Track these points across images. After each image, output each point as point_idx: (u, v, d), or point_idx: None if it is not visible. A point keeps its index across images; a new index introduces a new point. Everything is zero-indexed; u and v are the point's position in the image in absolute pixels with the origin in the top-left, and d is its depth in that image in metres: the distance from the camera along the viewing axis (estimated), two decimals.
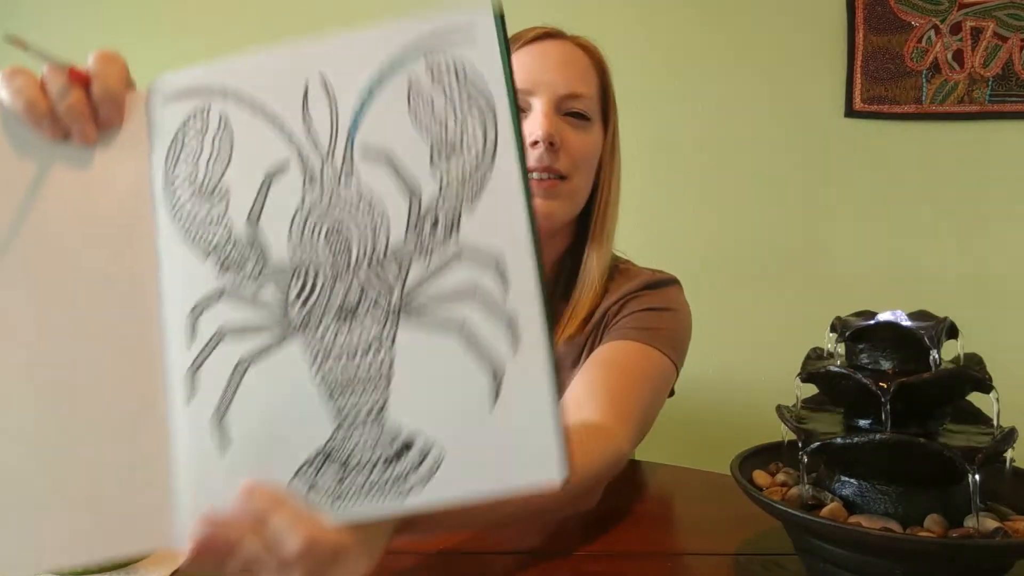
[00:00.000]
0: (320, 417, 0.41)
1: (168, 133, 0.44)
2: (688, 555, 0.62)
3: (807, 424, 0.56)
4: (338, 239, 0.42)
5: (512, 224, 0.41)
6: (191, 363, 0.42)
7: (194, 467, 0.41)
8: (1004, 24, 1.70)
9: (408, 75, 0.42)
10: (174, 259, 0.43)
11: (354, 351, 0.41)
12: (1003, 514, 0.53)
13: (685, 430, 1.01)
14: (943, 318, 0.54)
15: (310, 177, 0.42)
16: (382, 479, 0.40)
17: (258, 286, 0.42)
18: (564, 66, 0.88)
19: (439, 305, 0.41)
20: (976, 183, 1.77)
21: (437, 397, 0.41)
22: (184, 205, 0.43)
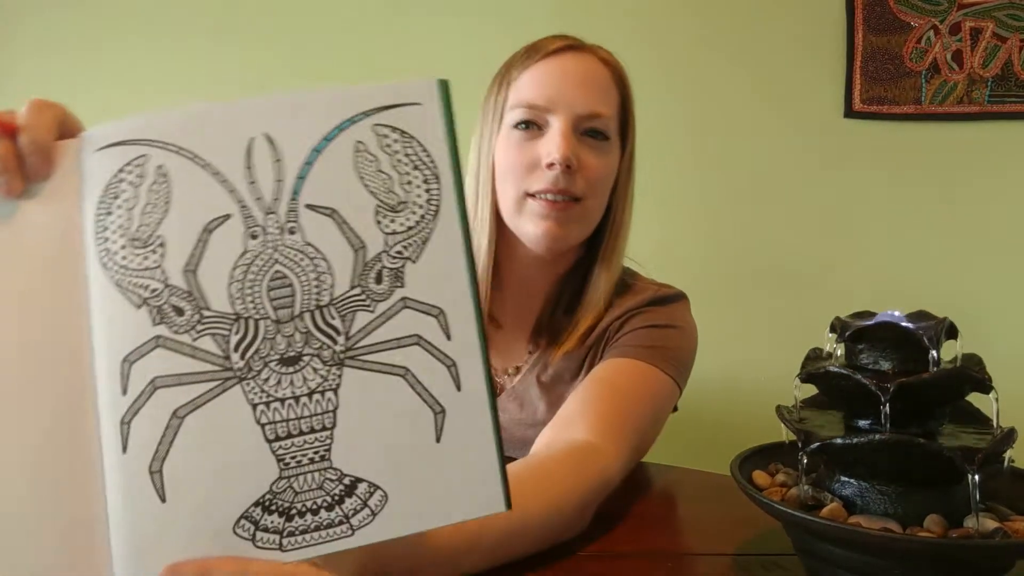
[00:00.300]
0: (263, 462, 0.41)
1: (100, 182, 0.43)
2: (688, 555, 0.62)
3: (807, 424, 0.56)
4: (281, 289, 0.43)
5: (454, 277, 0.44)
6: (124, 413, 0.41)
7: (134, 515, 0.41)
8: (1003, 24, 1.71)
9: (355, 137, 0.44)
10: (105, 308, 0.42)
11: (297, 397, 0.42)
12: (1003, 514, 0.53)
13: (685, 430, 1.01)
14: (943, 318, 0.54)
15: (252, 230, 0.43)
16: (328, 518, 0.41)
17: (196, 335, 0.42)
18: (584, 84, 0.85)
19: (383, 353, 0.43)
20: (976, 183, 1.77)
21: (381, 439, 0.42)
22: (116, 254, 0.42)
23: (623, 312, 0.89)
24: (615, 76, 0.89)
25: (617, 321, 0.89)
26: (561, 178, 0.81)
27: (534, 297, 0.93)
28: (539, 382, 0.90)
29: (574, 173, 0.82)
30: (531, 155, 0.83)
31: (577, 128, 0.84)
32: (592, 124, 0.84)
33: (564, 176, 0.81)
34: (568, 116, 0.83)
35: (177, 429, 0.41)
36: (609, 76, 0.88)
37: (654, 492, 0.80)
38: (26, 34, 1.78)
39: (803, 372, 0.57)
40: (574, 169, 0.82)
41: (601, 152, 0.86)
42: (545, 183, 0.82)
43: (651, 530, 0.69)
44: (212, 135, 0.43)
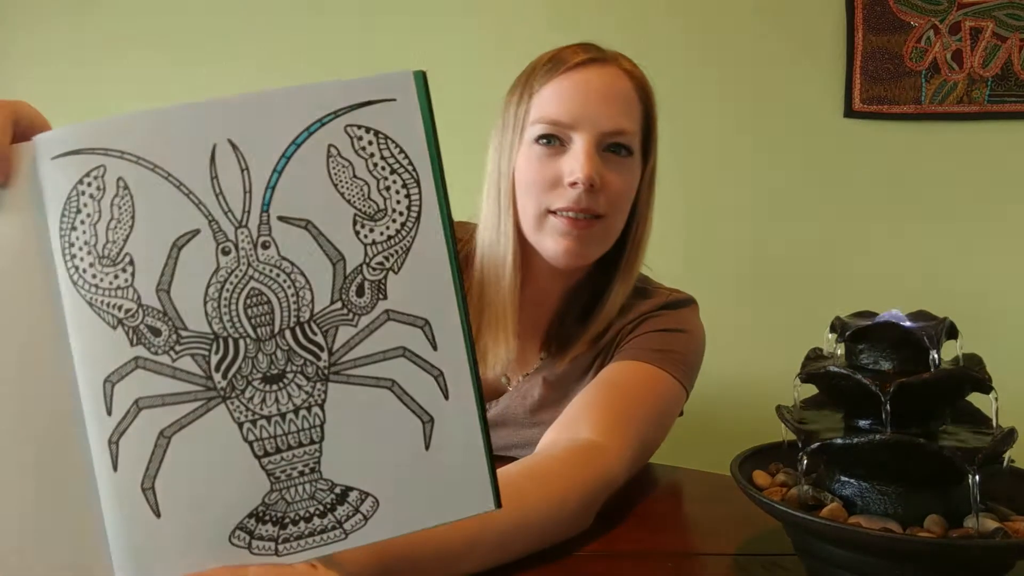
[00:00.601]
0: (254, 477, 0.41)
1: (61, 195, 0.40)
2: (688, 555, 0.62)
3: (807, 424, 0.56)
4: (258, 307, 0.41)
5: (439, 286, 0.42)
6: (111, 434, 0.40)
7: (130, 531, 0.41)
8: (1003, 24, 1.71)
9: (326, 140, 0.41)
10: (82, 328, 0.40)
11: (283, 414, 0.41)
12: (1003, 514, 0.53)
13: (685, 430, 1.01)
14: (943, 318, 0.54)
15: (223, 245, 0.41)
16: (322, 524, 0.42)
17: (175, 356, 0.40)
18: (608, 100, 0.83)
19: (368, 365, 0.42)
20: (975, 183, 1.77)
21: (370, 449, 0.42)
22: (85, 272, 0.40)
23: (635, 316, 0.89)
24: (639, 89, 0.88)
25: (630, 324, 0.89)
26: (584, 197, 0.81)
27: (547, 306, 0.93)
28: (545, 382, 0.91)
29: (597, 192, 0.82)
30: (553, 172, 0.82)
31: (600, 145, 0.83)
32: (615, 140, 0.83)
33: (587, 195, 0.81)
34: (592, 134, 0.82)
35: (165, 448, 0.40)
36: (633, 89, 0.87)
37: (654, 492, 0.80)
38: (23, 44, 1.78)
39: (803, 372, 0.57)
40: (597, 188, 0.81)
41: (623, 168, 0.85)
42: (567, 201, 0.81)
43: (652, 530, 0.69)
44: (172, 142, 0.40)
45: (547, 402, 0.90)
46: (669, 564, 0.61)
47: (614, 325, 0.90)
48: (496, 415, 0.92)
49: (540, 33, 1.72)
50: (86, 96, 1.77)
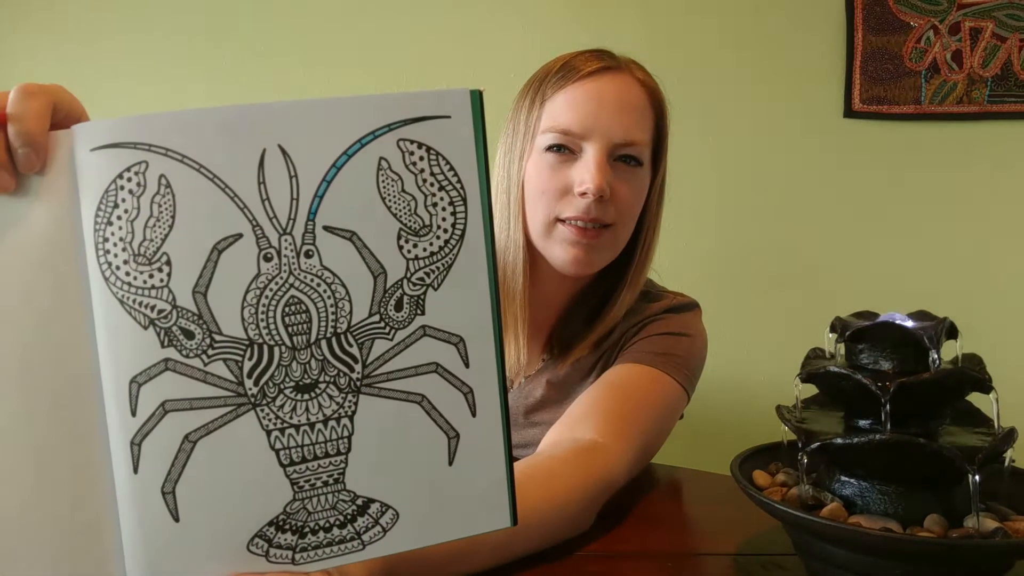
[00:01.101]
0: (277, 485, 0.41)
1: (98, 188, 0.39)
2: (688, 555, 0.62)
3: (807, 424, 0.56)
4: (296, 315, 0.41)
5: (476, 305, 0.42)
6: (134, 435, 0.40)
7: (147, 534, 0.40)
8: (1003, 24, 1.71)
9: (377, 153, 0.41)
10: (110, 325, 0.40)
11: (312, 424, 0.41)
12: (1003, 514, 0.53)
13: (685, 430, 1.01)
14: (943, 318, 0.54)
15: (266, 252, 0.40)
16: (340, 535, 0.42)
17: (208, 359, 0.40)
18: (621, 110, 0.83)
19: (400, 380, 0.42)
20: (975, 183, 1.77)
21: (395, 462, 0.42)
22: (119, 269, 0.39)
23: (640, 320, 0.90)
24: (651, 99, 0.87)
25: (633, 328, 0.89)
26: (593, 207, 0.81)
27: (552, 309, 0.93)
28: (548, 383, 0.91)
29: (606, 202, 0.82)
30: (564, 181, 0.82)
31: (611, 155, 0.83)
32: (626, 151, 0.83)
33: (596, 205, 0.81)
34: (603, 144, 0.81)
35: (190, 453, 0.40)
36: (646, 99, 0.87)
37: (655, 492, 0.80)
38: (27, 25, 1.78)
39: (803, 372, 0.57)
40: (606, 198, 0.81)
41: (633, 179, 0.85)
42: (576, 211, 0.81)
43: (651, 530, 0.69)
44: (220, 144, 0.39)
45: (548, 403, 0.90)
46: (669, 564, 0.61)
47: (618, 328, 0.90)
48: None
49: (541, 31, 1.73)
50: (89, 77, 1.76)
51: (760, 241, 1.79)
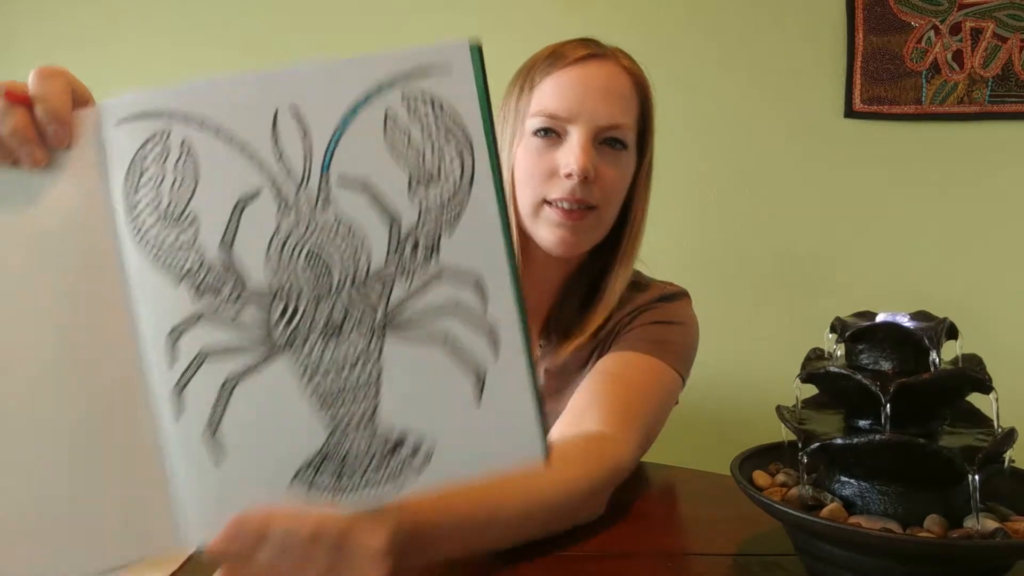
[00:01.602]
0: (313, 426, 0.43)
1: (124, 157, 0.43)
2: (688, 555, 0.62)
3: (807, 424, 0.56)
4: (318, 263, 0.43)
5: (490, 245, 0.44)
6: (175, 383, 0.42)
7: (191, 478, 0.42)
8: (1004, 24, 1.71)
9: (384, 107, 0.43)
10: (145, 284, 0.43)
11: (342, 365, 0.43)
12: (1003, 514, 0.53)
13: (685, 430, 1.01)
14: (943, 319, 0.54)
15: (284, 204, 0.43)
16: (378, 474, 0.44)
17: (238, 309, 0.43)
18: (606, 95, 0.85)
19: (422, 320, 0.44)
20: (976, 183, 1.77)
21: (425, 399, 0.44)
22: (150, 231, 0.43)
23: (633, 308, 0.91)
24: (636, 85, 0.90)
25: (627, 316, 0.91)
26: (578, 188, 0.83)
27: (546, 293, 0.95)
28: (547, 372, 0.92)
29: (591, 183, 0.84)
30: (550, 163, 0.85)
31: (596, 138, 0.85)
32: (611, 134, 0.85)
33: (581, 186, 0.83)
34: (588, 127, 0.84)
35: (228, 398, 0.42)
36: (631, 85, 0.89)
37: (654, 492, 0.80)
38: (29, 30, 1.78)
39: (803, 372, 0.57)
40: (591, 180, 0.83)
41: (618, 162, 0.87)
42: (562, 192, 0.84)
43: (651, 530, 0.69)
44: (235, 107, 0.42)
45: (548, 391, 0.91)
46: (669, 564, 0.61)
47: (614, 317, 0.91)
48: None
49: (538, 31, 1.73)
50: (89, 80, 1.76)
51: (760, 241, 1.78)
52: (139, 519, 0.43)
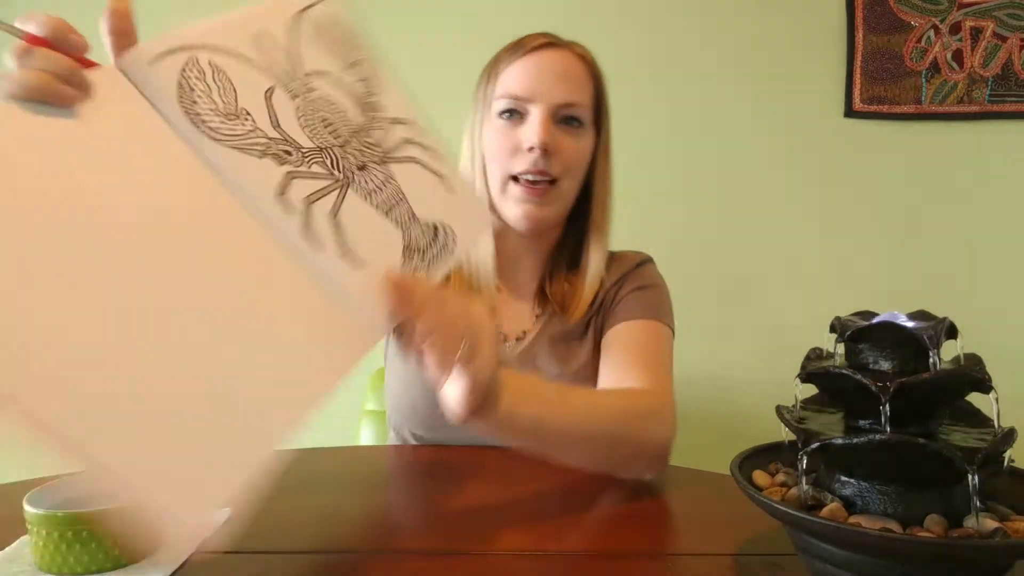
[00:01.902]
0: (389, 228, 0.59)
1: (170, 84, 0.51)
2: (688, 555, 0.62)
3: (807, 424, 0.56)
4: (328, 126, 0.58)
5: (406, 100, 0.65)
6: (300, 229, 0.54)
7: (347, 292, 0.55)
8: (1004, 24, 1.71)
9: (315, 18, 0.61)
10: (238, 169, 0.52)
11: (380, 186, 0.60)
12: (1003, 514, 0.53)
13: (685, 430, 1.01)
14: (943, 318, 0.54)
15: (291, 92, 0.57)
16: (436, 250, 0.61)
17: (308, 164, 0.56)
18: (561, 76, 0.94)
19: (398, 150, 0.62)
20: (976, 183, 1.77)
21: (426, 198, 0.62)
22: (220, 129, 0.52)
23: (616, 279, 1.02)
24: (590, 70, 0.98)
25: (613, 287, 1.02)
26: (540, 160, 0.92)
27: (532, 267, 1.04)
28: (550, 339, 1.00)
29: (551, 156, 0.93)
30: (514, 140, 0.94)
31: (555, 116, 0.94)
32: (568, 112, 0.94)
33: (543, 158, 0.92)
34: (546, 105, 0.93)
35: (338, 225, 0.56)
36: (585, 69, 0.97)
37: (654, 492, 0.80)
38: None
39: (803, 372, 0.57)
40: (551, 152, 0.93)
41: (576, 136, 0.96)
42: (526, 164, 0.93)
43: (651, 530, 0.69)
44: (233, 35, 0.56)
45: (555, 357, 0.99)
46: (669, 564, 0.61)
47: (603, 287, 1.02)
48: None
49: None
50: None
51: (760, 240, 1.79)
52: (333, 336, 0.54)
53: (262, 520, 0.70)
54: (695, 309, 1.86)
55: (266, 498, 0.76)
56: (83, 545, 0.58)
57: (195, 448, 0.45)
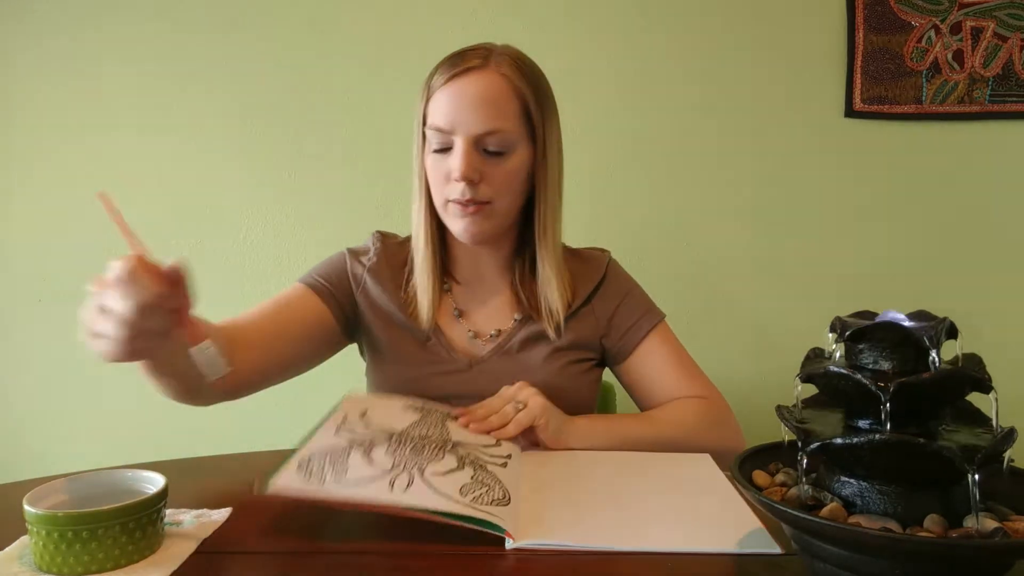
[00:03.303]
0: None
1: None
2: (688, 555, 0.62)
3: (807, 424, 0.56)
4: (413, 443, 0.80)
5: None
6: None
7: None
8: (1004, 24, 1.70)
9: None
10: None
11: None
12: (1003, 514, 0.53)
13: None
14: (942, 318, 0.54)
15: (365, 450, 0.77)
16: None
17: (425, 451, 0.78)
18: (479, 104, 0.95)
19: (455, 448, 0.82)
20: (976, 183, 1.77)
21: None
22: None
23: (593, 287, 1.09)
24: (513, 88, 0.97)
25: (593, 299, 1.09)
26: (467, 190, 0.96)
27: (495, 266, 1.09)
28: (522, 344, 1.06)
29: (478, 184, 0.96)
30: (445, 169, 0.97)
31: (479, 145, 0.96)
32: (489, 142, 0.96)
33: (469, 188, 0.96)
34: (466, 137, 0.95)
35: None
36: (506, 89, 0.97)
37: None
38: (25, 54, 1.78)
39: (803, 372, 0.57)
40: (477, 181, 0.96)
41: (504, 163, 0.98)
42: (456, 194, 0.97)
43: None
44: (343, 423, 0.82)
45: (526, 356, 1.06)
46: (669, 564, 0.61)
47: (579, 292, 1.08)
48: (482, 363, 1.06)
49: (541, 32, 1.73)
50: (85, 106, 1.77)
51: (760, 241, 1.78)
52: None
53: (262, 520, 0.70)
54: (695, 310, 1.86)
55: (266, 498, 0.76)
56: (83, 545, 0.58)
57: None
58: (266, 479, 0.66)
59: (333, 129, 1.78)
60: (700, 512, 0.72)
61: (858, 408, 0.55)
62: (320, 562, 0.62)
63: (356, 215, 1.78)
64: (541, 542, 0.63)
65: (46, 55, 1.78)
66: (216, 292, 1.76)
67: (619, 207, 1.76)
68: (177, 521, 0.69)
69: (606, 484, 0.79)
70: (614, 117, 1.75)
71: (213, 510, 0.72)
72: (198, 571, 0.60)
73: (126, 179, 1.78)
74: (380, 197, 1.78)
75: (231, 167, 1.79)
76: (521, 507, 0.71)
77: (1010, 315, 1.77)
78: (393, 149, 1.73)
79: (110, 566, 0.58)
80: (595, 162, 1.74)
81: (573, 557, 0.62)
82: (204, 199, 1.80)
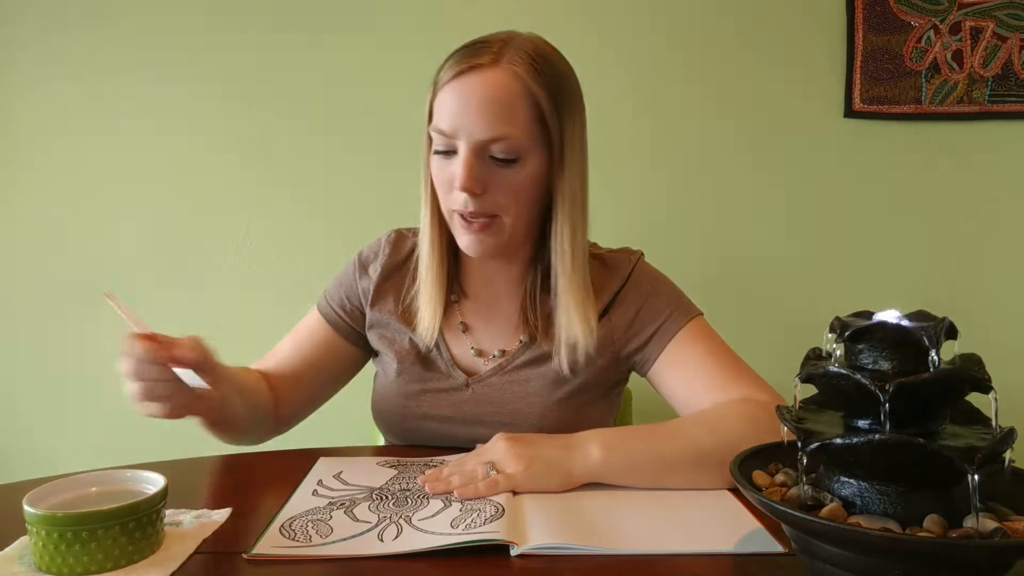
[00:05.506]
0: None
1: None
2: (688, 555, 0.62)
3: (807, 424, 0.56)
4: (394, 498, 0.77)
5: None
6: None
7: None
8: (1004, 24, 1.71)
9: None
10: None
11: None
12: (1003, 514, 0.53)
13: None
14: (942, 318, 0.54)
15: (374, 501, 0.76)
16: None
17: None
18: (485, 107, 0.84)
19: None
20: (976, 183, 1.77)
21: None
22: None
23: (610, 299, 0.97)
24: (524, 89, 0.86)
25: (614, 312, 0.98)
26: (471, 202, 0.87)
27: (507, 283, 1.00)
28: (525, 366, 0.97)
29: (483, 195, 0.87)
30: (449, 175, 0.88)
31: (483, 153, 0.86)
32: (495, 149, 0.86)
33: (472, 200, 0.87)
34: (470, 143, 0.85)
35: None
36: (518, 91, 0.85)
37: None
38: (27, 59, 1.78)
39: (803, 372, 0.57)
40: (480, 193, 0.87)
41: (511, 173, 0.87)
42: (459, 204, 0.88)
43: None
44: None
45: (526, 380, 0.97)
46: (669, 564, 0.61)
47: (604, 295, 0.97)
48: (483, 385, 0.98)
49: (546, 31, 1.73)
50: (87, 112, 1.77)
51: (760, 240, 1.79)
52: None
53: (262, 520, 0.70)
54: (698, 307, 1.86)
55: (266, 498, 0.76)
56: (83, 545, 0.58)
57: None
58: (250, 547, 0.63)
59: (338, 124, 1.78)
60: (700, 512, 0.72)
61: (858, 408, 0.55)
62: (321, 562, 0.62)
63: (363, 211, 1.78)
64: (544, 545, 0.63)
65: (46, 55, 1.78)
66: (217, 292, 1.76)
67: (615, 207, 1.76)
68: (177, 521, 0.69)
69: (606, 485, 0.79)
70: (614, 117, 1.75)
71: (213, 510, 0.72)
72: (198, 571, 0.60)
73: (126, 179, 1.78)
74: (390, 194, 1.78)
75: (232, 166, 1.79)
76: (521, 512, 0.71)
77: (1010, 315, 1.77)
78: (402, 142, 1.73)
79: (110, 566, 0.58)
80: (594, 162, 1.74)
81: (574, 560, 0.62)
82: (206, 198, 1.80)
